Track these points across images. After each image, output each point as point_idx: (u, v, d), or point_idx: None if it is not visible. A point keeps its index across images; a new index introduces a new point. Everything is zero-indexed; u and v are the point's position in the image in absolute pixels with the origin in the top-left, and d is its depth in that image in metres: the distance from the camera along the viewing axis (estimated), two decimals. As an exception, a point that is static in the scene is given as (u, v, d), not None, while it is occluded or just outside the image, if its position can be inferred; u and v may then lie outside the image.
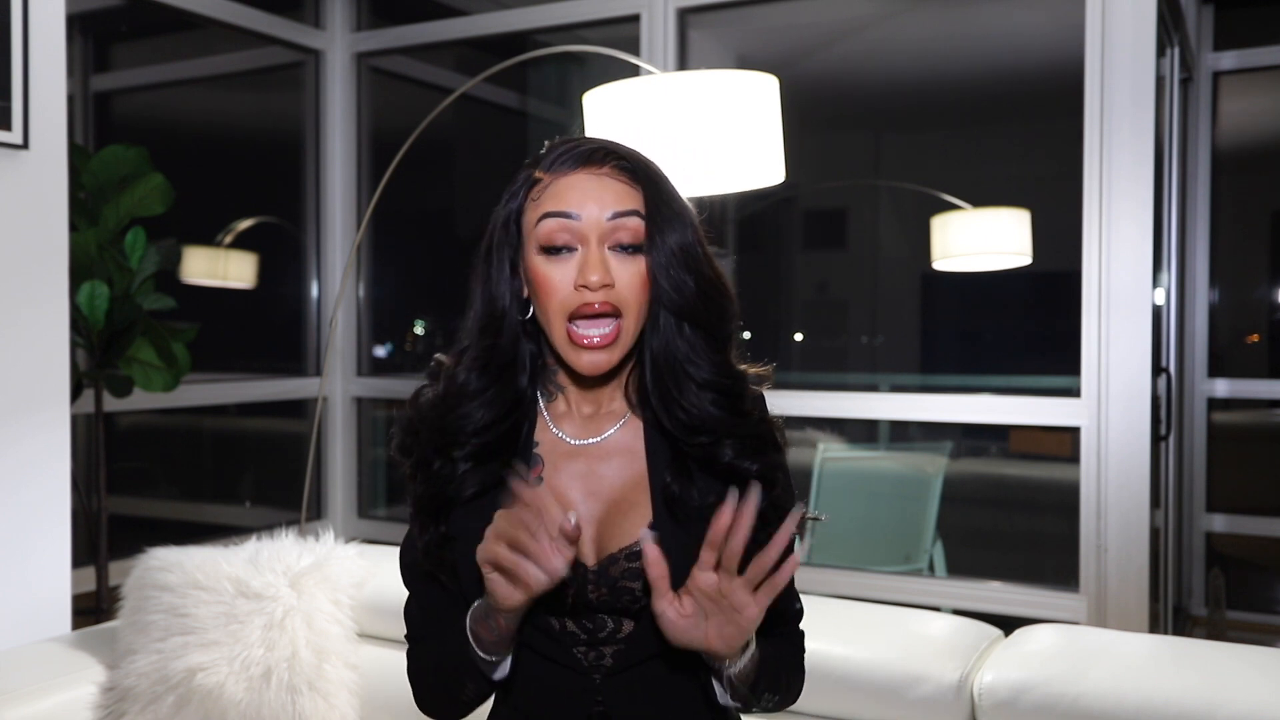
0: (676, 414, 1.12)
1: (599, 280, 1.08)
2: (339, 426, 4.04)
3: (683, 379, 1.12)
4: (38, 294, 2.19)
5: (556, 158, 1.13)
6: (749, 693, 1.10)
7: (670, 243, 1.10)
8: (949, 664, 1.64)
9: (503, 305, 1.14)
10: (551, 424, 1.17)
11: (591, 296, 1.08)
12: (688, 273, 1.11)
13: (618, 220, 1.09)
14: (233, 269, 4.04)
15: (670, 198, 1.13)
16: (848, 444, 3.96)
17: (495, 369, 1.14)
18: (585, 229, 1.09)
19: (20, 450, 2.16)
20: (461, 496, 1.13)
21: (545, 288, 1.10)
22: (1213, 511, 4.29)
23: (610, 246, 1.10)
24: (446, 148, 4.65)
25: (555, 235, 1.09)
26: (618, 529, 1.13)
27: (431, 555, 1.15)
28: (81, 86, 3.99)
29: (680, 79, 2.19)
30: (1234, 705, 1.45)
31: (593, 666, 1.13)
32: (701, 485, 1.12)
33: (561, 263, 1.10)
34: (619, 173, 1.12)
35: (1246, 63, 4.26)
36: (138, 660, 1.88)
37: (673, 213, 1.11)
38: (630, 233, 1.10)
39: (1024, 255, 3.73)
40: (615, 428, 1.17)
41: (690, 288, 1.11)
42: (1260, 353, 4.58)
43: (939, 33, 4.07)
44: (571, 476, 1.15)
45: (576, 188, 1.10)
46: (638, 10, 3.45)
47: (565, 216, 1.09)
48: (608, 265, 1.09)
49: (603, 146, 1.13)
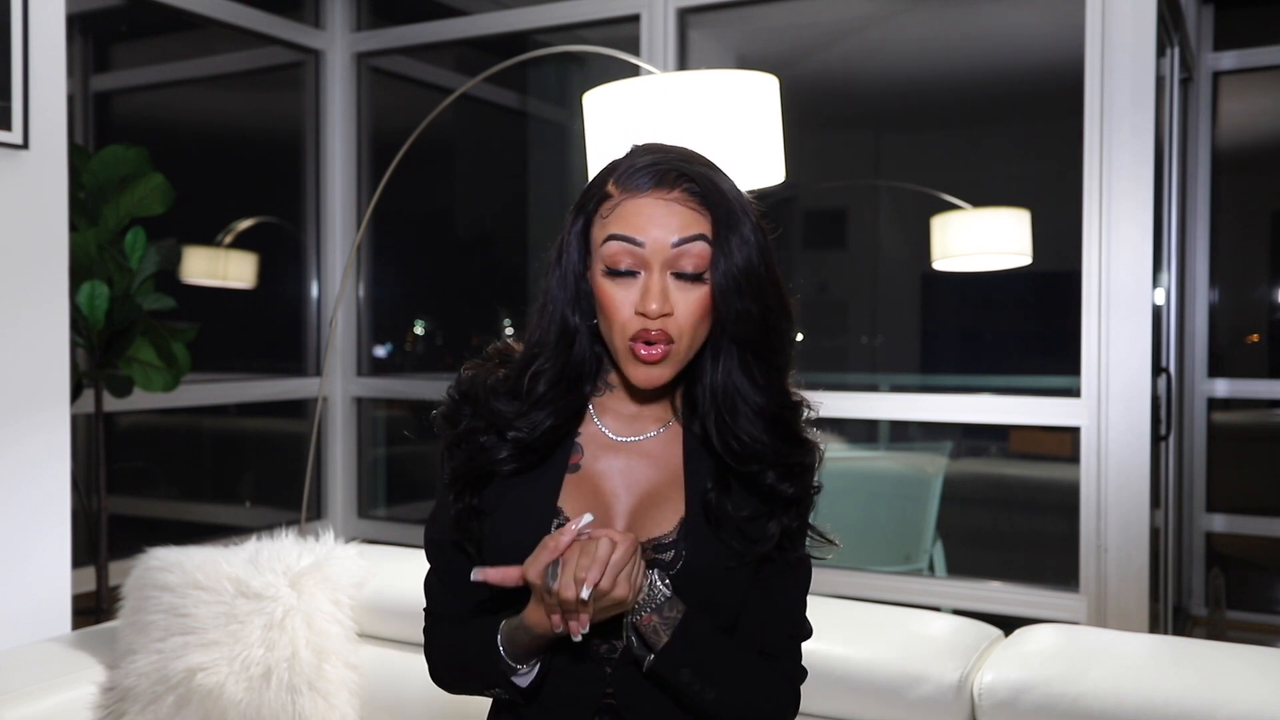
0: (730, 443, 1.14)
1: (658, 310, 1.09)
2: (339, 426, 4.04)
3: (739, 407, 1.14)
4: (38, 294, 2.19)
5: (632, 174, 1.14)
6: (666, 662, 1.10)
7: (734, 269, 1.11)
8: (949, 664, 1.64)
9: (574, 319, 1.16)
10: (595, 417, 1.21)
11: (650, 324, 1.10)
12: (751, 300, 1.12)
13: (682, 247, 1.11)
14: (233, 269, 4.04)
15: (737, 221, 1.13)
16: (848, 444, 3.96)
17: (568, 381, 1.17)
18: (649, 256, 1.10)
19: (20, 450, 2.16)
20: (501, 472, 1.16)
21: (608, 307, 1.12)
22: (1213, 511, 4.29)
23: (673, 273, 1.11)
24: (446, 148, 4.65)
25: (619, 258, 1.11)
26: (650, 521, 1.15)
27: (462, 525, 1.18)
28: (81, 86, 3.99)
29: (680, 79, 2.19)
30: (1234, 705, 1.45)
31: (605, 658, 1.15)
32: (737, 498, 1.15)
33: (624, 285, 1.11)
34: (689, 197, 1.12)
35: (1246, 63, 4.26)
36: (138, 660, 1.88)
37: (740, 238, 1.12)
38: (693, 260, 1.11)
39: (1024, 255, 3.73)
40: (655, 432, 1.20)
41: (753, 316, 1.12)
42: (1260, 353, 4.58)
43: (939, 33, 4.07)
44: (609, 467, 1.18)
45: (643, 213, 1.11)
46: (638, 10, 3.45)
47: (630, 242, 1.10)
48: (668, 294, 1.10)
49: (675, 168, 1.13)
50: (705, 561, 1.13)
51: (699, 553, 1.13)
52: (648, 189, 1.12)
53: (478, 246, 4.92)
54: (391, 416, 4.26)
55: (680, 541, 1.14)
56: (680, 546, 1.13)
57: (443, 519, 1.21)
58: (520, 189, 4.67)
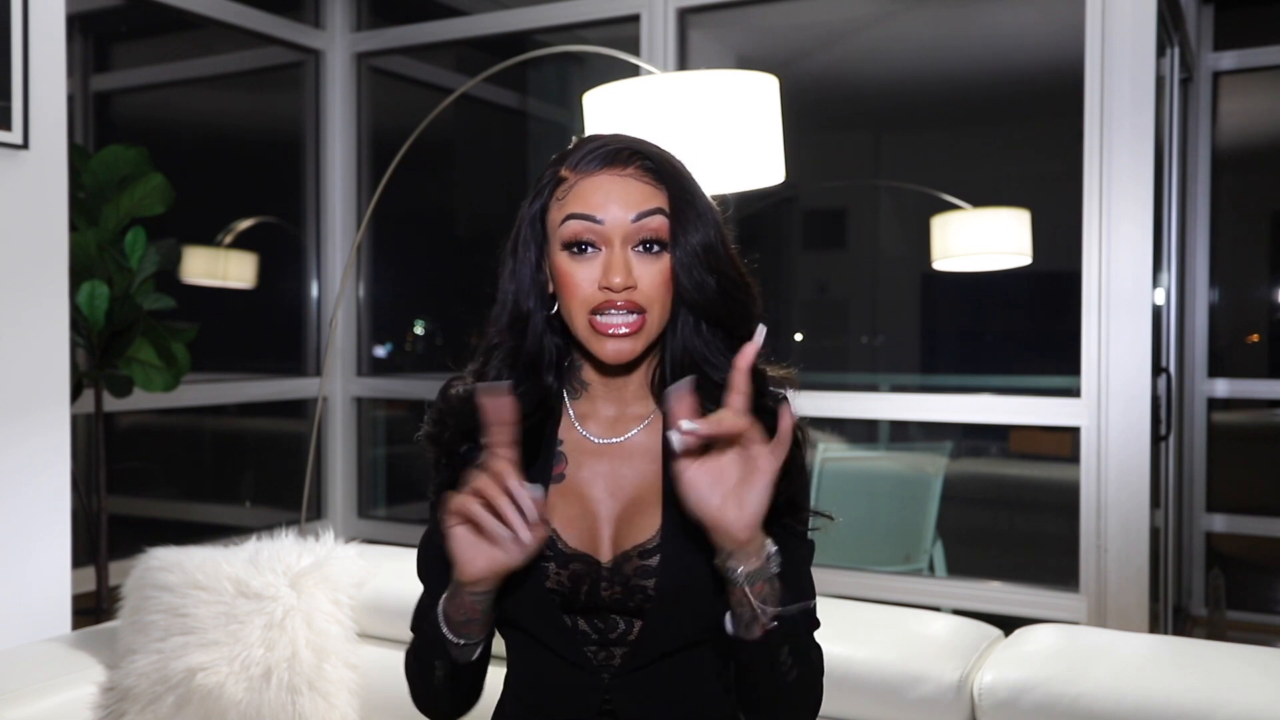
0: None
1: (621, 282, 1.09)
2: (339, 426, 4.04)
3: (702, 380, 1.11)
4: (38, 294, 2.19)
5: (582, 157, 1.14)
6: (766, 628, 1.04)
7: (693, 242, 1.11)
8: (949, 664, 1.64)
9: (528, 304, 1.15)
10: (576, 423, 1.19)
11: (614, 296, 1.09)
12: (710, 272, 1.12)
13: (641, 221, 1.10)
14: (233, 269, 4.04)
15: (694, 196, 1.13)
16: (848, 444, 3.96)
17: (523, 367, 1.16)
18: (609, 231, 1.10)
19: (20, 450, 2.16)
20: None
21: (568, 285, 1.11)
22: (1213, 511, 4.29)
23: (633, 246, 1.11)
24: (446, 148, 4.65)
25: (580, 235, 1.10)
26: (634, 527, 1.13)
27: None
28: (81, 86, 3.99)
29: (680, 79, 2.19)
30: (1234, 705, 1.45)
31: (602, 666, 1.14)
32: None
33: (585, 262, 1.11)
34: (643, 173, 1.12)
35: (1246, 63, 4.26)
36: (138, 660, 1.88)
37: (696, 212, 1.12)
38: (654, 232, 1.11)
39: (1024, 255, 3.73)
40: (638, 429, 1.18)
41: (711, 287, 1.12)
42: (1260, 353, 4.59)
43: (939, 33, 4.07)
44: (594, 474, 1.16)
45: (600, 189, 1.11)
46: (638, 10, 3.45)
47: (589, 219, 1.10)
48: (630, 266, 1.10)
49: (628, 146, 1.14)
50: (686, 563, 1.10)
51: (680, 555, 1.11)
52: (602, 167, 1.12)
53: (478, 246, 4.92)
54: (391, 416, 4.26)
55: (664, 544, 1.12)
56: (665, 549, 1.12)
57: (436, 538, 1.18)
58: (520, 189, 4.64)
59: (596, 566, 1.12)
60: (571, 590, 1.11)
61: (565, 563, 1.12)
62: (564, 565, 1.12)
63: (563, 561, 1.12)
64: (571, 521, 1.14)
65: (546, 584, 1.12)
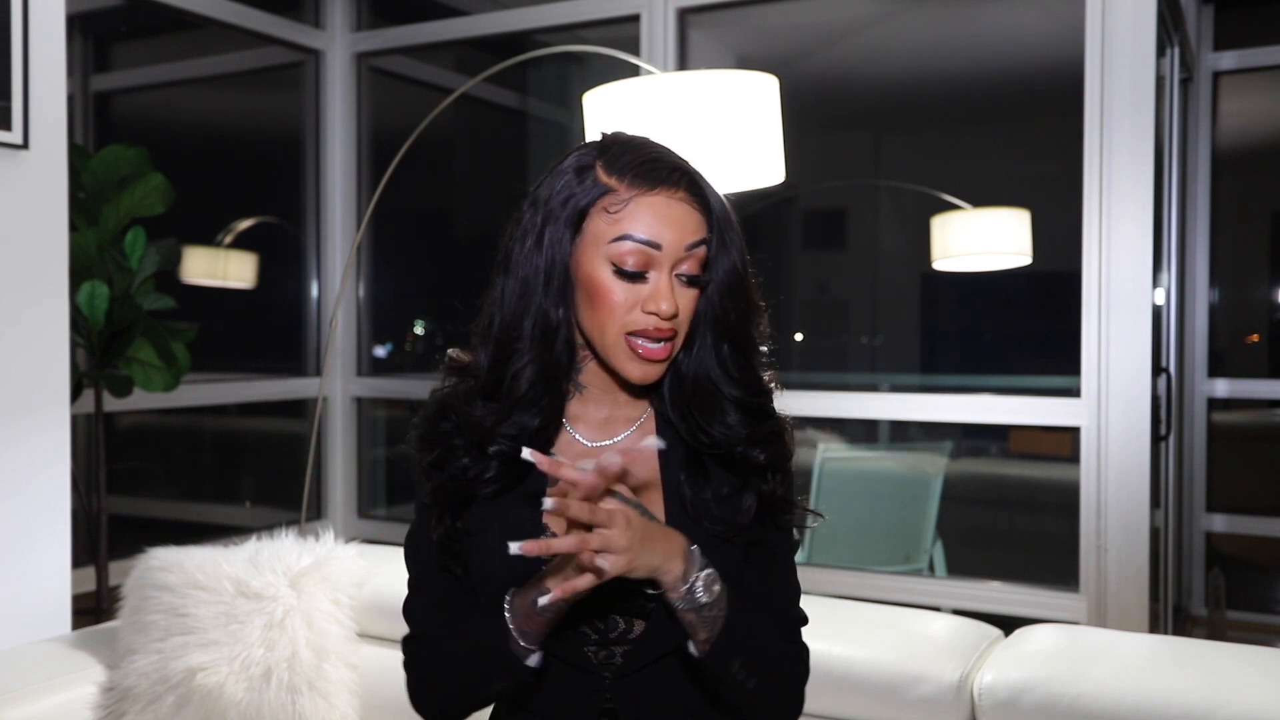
0: (700, 437, 1.14)
1: (669, 310, 1.09)
2: (339, 426, 4.04)
3: (713, 399, 1.14)
4: (38, 294, 2.19)
5: (631, 168, 1.10)
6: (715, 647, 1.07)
7: (726, 269, 1.12)
8: (949, 664, 1.64)
9: (558, 316, 1.12)
10: (567, 425, 1.18)
11: (664, 324, 1.09)
12: (737, 298, 1.13)
13: (692, 251, 1.11)
14: (233, 269, 4.04)
15: (728, 223, 1.14)
16: (848, 444, 3.96)
17: (548, 380, 1.13)
18: (664, 258, 1.10)
19: (20, 450, 2.16)
20: (483, 493, 1.14)
21: (607, 302, 1.09)
22: (1213, 511, 4.29)
23: (676, 274, 1.11)
24: (446, 148, 4.65)
25: (635, 257, 1.09)
26: None
27: (447, 548, 1.16)
28: (81, 86, 3.99)
29: (680, 79, 2.19)
30: (1234, 705, 1.45)
31: (602, 665, 1.14)
32: (716, 479, 1.15)
33: (631, 284, 1.10)
34: (692, 197, 1.12)
35: (1246, 63, 4.26)
36: (138, 660, 1.88)
37: (729, 239, 1.13)
38: (698, 263, 1.12)
39: (1024, 255, 3.73)
40: (628, 432, 1.18)
41: (734, 312, 1.13)
42: (1260, 353, 4.58)
43: (939, 33, 4.07)
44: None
45: (659, 213, 1.09)
46: (638, 10, 3.45)
47: (650, 245, 1.09)
48: (674, 294, 1.10)
49: (678, 167, 1.13)
50: None
51: None
52: (656, 186, 1.10)
53: (478, 246, 4.92)
54: (391, 416, 4.26)
55: None
56: None
57: (424, 540, 1.18)
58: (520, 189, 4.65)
59: None
60: None
61: None
62: None
63: None
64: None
65: None
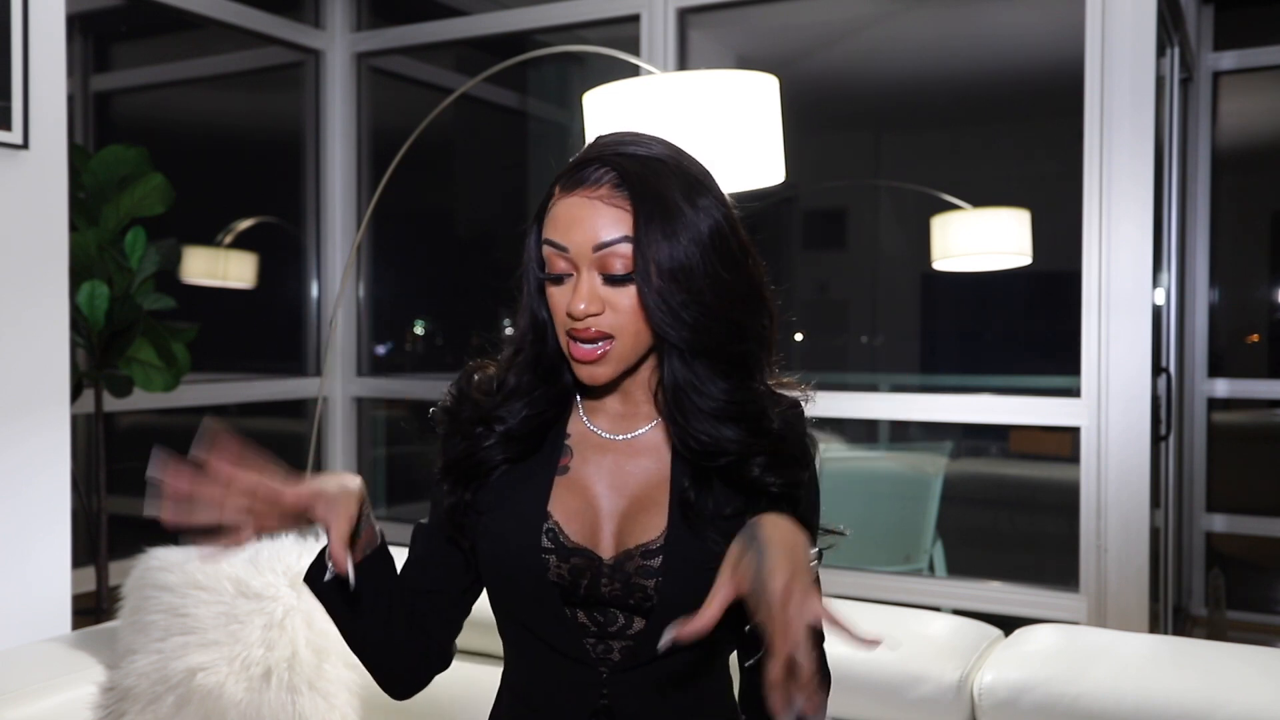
0: (689, 443, 1.12)
1: (584, 310, 1.08)
2: (339, 426, 4.04)
3: (689, 406, 1.11)
4: (38, 294, 2.19)
5: (565, 170, 1.13)
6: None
7: (662, 268, 1.06)
8: (949, 664, 1.64)
9: (543, 315, 1.16)
10: (585, 417, 1.19)
11: (577, 325, 1.09)
12: (687, 301, 1.07)
13: (604, 251, 1.07)
14: (233, 269, 4.04)
15: (670, 214, 1.07)
16: (848, 444, 3.96)
17: (543, 370, 1.17)
18: (575, 259, 1.09)
19: (20, 450, 2.16)
20: (493, 461, 1.16)
21: (550, 306, 1.13)
22: (1213, 511, 4.29)
23: (602, 274, 1.09)
24: (446, 148, 4.66)
25: (553, 262, 1.10)
26: (637, 525, 1.13)
27: (454, 519, 1.18)
28: (81, 86, 3.99)
29: (680, 79, 2.19)
30: (1234, 705, 1.45)
31: (600, 660, 1.14)
32: (719, 496, 1.13)
33: (560, 286, 1.11)
34: (614, 193, 1.08)
35: (1246, 63, 4.26)
36: (138, 660, 1.88)
37: (669, 231, 1.07)
38: (621, 261, 1.07)
39: (1024, 255, 3.73)
40: (647, 427, 1.18)
41: (686, 318, 1.07)
42: (1260, 353, 4.59)
43: (939, 33, 4.08)
44: (598, 469, 1.16)
45: (569, 214, 1.09)
46: (638, 10, 3.45)
47: (556, 246, 1.10)
48: (597, 294, 1.08)
49: (606, 160, 1.10)
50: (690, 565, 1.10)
51: (684, 557, 1.10)
52: (575, 187, 1.10)
53: (478, 246, 4.92)
54: (391, 416, 4.26)
55: (667, 546, 1.11)
56: (668, 550, 1.11)
57: (434, 514, 1.22)
58: (520, 189, 4.67)
59: (597, 562, 1.12)
60: (571, 584, 1.12)
61: (566, 556, 1.12)
62: (565, 559, 1.12)
63: (564, 555, 1.12)
64: (574, 515, 1.14)
65: (548, 576, 1.12)
